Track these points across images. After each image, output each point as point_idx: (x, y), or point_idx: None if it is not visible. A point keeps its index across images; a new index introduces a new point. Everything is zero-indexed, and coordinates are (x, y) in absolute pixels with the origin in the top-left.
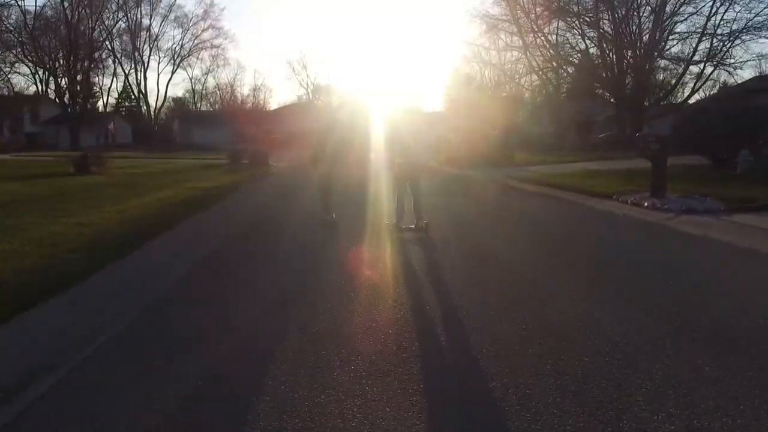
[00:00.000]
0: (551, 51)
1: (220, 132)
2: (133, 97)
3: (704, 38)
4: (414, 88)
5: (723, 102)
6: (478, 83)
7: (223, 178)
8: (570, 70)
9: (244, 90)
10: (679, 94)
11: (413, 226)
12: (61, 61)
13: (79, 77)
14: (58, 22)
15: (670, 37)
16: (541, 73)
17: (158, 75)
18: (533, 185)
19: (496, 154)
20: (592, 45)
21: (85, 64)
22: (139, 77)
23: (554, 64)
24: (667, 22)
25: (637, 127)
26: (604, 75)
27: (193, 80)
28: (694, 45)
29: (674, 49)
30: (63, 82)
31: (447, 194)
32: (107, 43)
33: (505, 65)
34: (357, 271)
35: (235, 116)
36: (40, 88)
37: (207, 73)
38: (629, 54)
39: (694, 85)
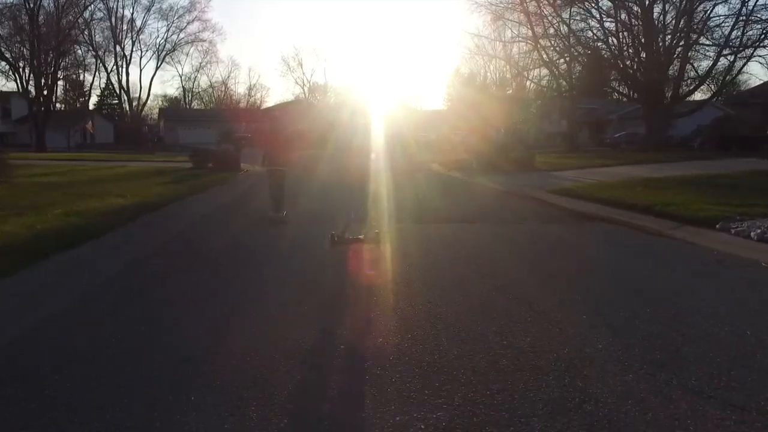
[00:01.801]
0: (565, 42)
1: (209, 132)
2: (115, 94)
3: (737, 25)
4: (415, 86)
5: None
6: (483, 79)
7: (157, 190)
8: (584, 61)
9: (239, 89)
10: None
11: (362, 236)
12: (27, 54)
13: (43, 70)
14: (20, 9)
15: (709, 22)
16: (552, 67)
17: (140, 70)
18: (579, 202)
19: (511, 157)
20: (610, 34)
21: (51, 56)
22: (120, 73)
23: (567, 57)
24: (699, 7)
25: (665, 125)
26: (627, 66)
27: (183, 77)
28: (726, 32)
29: (706, 38)
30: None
31: (453, 216)
32: (84, 34)
33: (512, 59)
34: None
35: (222, 115)
36: (19, 85)
37: (198, 70)
38: (653, 43)
39: (724, 78)
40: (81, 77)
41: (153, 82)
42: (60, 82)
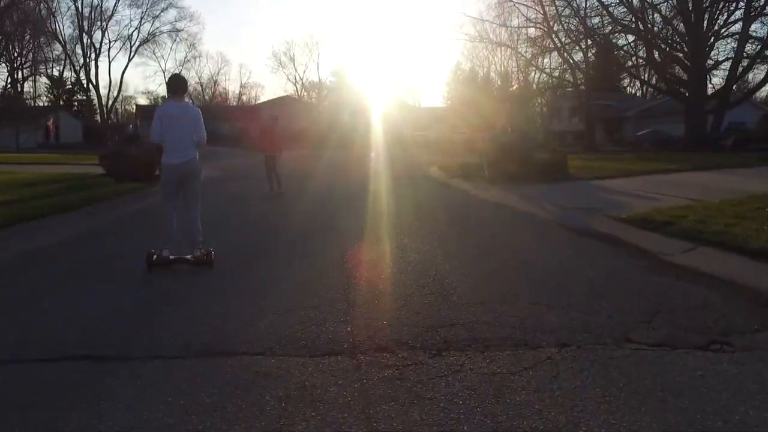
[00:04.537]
0: (582, 23)
1: None
2: (83, 89)
3: None
4: (413, 82)
5: None
6: (486, 73)
7: None
8: (605, 43)
9: (230, 86)
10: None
11: (190, 257)
12: None
13: None
14: None
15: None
16: (566, 53)
17: (110, 62)
18: (706, 251)
19: (535, 161)
20: (638, 12)
21: None
22: (89, 65)
23: (583, 45)
24: None
25: (718, 119)
26: (670, 48)
27: (166, 73)
28: None
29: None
30: None
31: (462, 308)
32: (46, 22)
33: (519, 48)
34: None
35: (210, 112)
36: None
37: (182, 65)
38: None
39: None
40: (51, 72)
41: (125, 76)
42: (31, 78)
